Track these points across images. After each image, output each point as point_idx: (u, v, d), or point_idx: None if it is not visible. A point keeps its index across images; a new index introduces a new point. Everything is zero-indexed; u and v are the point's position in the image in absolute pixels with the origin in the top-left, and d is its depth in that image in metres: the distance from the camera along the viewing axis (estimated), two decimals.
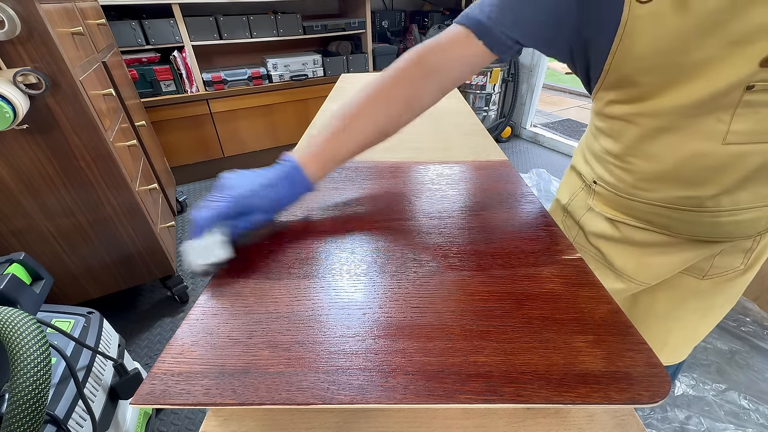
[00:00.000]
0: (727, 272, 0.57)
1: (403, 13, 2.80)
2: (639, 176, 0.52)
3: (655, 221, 0.54)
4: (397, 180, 0.62)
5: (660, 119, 0.46)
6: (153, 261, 1.30)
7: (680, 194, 0.50)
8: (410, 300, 0.37)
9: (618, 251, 0.60)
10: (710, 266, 0.57)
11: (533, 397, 0.28)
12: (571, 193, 0.67)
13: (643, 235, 0.56)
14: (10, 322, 0.48)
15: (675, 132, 0.46)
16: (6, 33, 0.81)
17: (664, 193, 0.51)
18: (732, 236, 0.52)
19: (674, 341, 0.65)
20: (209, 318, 0.36)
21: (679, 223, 0.53)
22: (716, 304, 0.62)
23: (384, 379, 0.30)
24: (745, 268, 0.57)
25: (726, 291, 0.60)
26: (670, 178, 0.49)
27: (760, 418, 1.02)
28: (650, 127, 0.48)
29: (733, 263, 0.56)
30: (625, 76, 0.46)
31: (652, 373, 0.29)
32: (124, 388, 0.84)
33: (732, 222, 0.50)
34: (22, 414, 0.44)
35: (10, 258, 0.68)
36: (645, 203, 0.53)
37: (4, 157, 0.92)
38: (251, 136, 2.40)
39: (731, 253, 0.55)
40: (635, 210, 0.55)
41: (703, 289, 0.59)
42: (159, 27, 1.90)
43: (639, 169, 0.51)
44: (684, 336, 0.65)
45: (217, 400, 0.28)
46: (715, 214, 0.50)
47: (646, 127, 0.48)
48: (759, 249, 0.55)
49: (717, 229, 0.51)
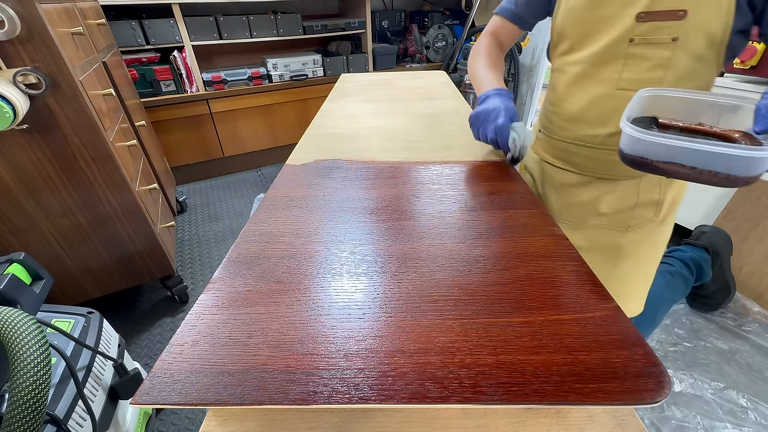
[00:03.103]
0: (644, 224, 0.69)
1: (403, 13, 2.80)
2: (562, 117, 0.69)
3: (571, 160, 0.71)
4: (397, 180, 0.62)
5: (578, 66, 0.62)
6: (153, 261, 1.30)
7: (588, 132, 0.65)
8: (410, 300, 0.38)
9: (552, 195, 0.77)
10: (629, 218, 0.69)
11: (533, 397, 0.28)
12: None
13: (564, 176, 0.73)
14: (10, 322, 0.48)
15: (587, 78, 0.62)
16: (6, 33, 0.81)
17: (578, 132, 0.67)
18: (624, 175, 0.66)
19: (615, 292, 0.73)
20: (209, 318, 0.36)
21: (587, 161, 0.68)
22: (643, 253, 0.73)
23: (384, 379, 0.30)
24: (660, 219, 0.69)
25: (649, 241, 0.71)
26: (581, 118, 0.65)
27: (758, 418, 1.02)
28: (573, 73, 0.64)
29: (647, 214, 0.68)
30: (561, 31, 0.63)
31: (652, 373, 0.29)
32: (124, 388, 0.84)
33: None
34: (22, 414, 0.44)
35: (10, 258, 0.68)
36: (564, 141, 0.70)
37: (4, 157, 0.92)
38: (251, 136, 2.40)
39: (643, 206, 0.68)
40: (558, 149, 0.73)
41: (630, 240, 0.71)
42: (159, 27, 1.89)
43: (563, 110, 0.68)
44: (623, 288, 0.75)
45: (217, 400, 0.28)
46: (612, 152, 0.63)
47: (570, 74, 0.64)
48: (666, 203, 0.68)
49: (614, 167, 0.65)
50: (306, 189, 0.59)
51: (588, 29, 0.59)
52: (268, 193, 0.58)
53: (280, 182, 0.62)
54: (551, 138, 0.74)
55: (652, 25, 0.53)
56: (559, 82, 0.68)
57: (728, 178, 0.40)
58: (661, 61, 0.54)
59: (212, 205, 2.14)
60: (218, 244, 1.80)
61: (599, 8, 0.56)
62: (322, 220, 0.51)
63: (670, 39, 0.52)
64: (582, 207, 0.73)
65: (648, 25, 0.53)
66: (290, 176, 0.64)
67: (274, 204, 0.55)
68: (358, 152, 0.73)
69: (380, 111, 1.00)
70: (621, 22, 0.55)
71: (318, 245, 0.46)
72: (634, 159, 0.47)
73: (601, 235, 0.73)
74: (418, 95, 1.15)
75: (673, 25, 0.51)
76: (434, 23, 2.83)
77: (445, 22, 2.87)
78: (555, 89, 0.70)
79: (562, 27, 0.63)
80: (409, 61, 2.84)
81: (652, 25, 0.53)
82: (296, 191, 0.59)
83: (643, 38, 0.54)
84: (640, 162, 0.46)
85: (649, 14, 0.52)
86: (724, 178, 0.41)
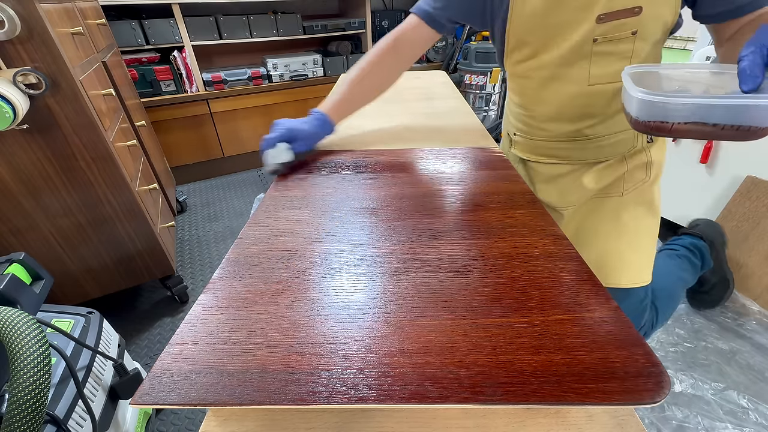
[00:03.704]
0: (637, 185, 0.72)
1: (403, 13, 2.80)
2: (539, 119, 0.70)
3: (558, 154, 0.72)
4: (396, 180, 0.62)
5: (546, 70, 0.63)
6: (153, 261, 1.30)
7: (569, 129, 0.67)
8: (410, 300, 0.37)
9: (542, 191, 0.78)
10: (624, 183, 0.72)
11: (533, 397, 0.28)
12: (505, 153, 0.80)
13: (552, 169, 0.75)
14: (10, 322, 0.48)
15: (557, 80, 0.63)
16: (6, 33, 0.81)
17: (558, 130, 0.69)
18: (612, 155, 0.69)
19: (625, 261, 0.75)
20: (209, 318, 0.36)
21: (575, 152, 0.70)
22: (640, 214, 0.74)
23: (384, 379, 0.30)
24: (651, 179, 0.71)
25: (643, 200, 0.73)
26: (559, 117, 0.67)
27: (759, 418, 1.02)
28: (541, 77, 0.65)
29: (639, 176, 0.71)
30: (520, 38, 0.63)
31: (651, 373, 0.29)
32: (124, 388, 0.84)
33: (609, 144, 0.68)
34: (22, 414, 0.44)
35: (10, 258, 0.68)
36: (547, 141, 0.72)
37: (4, 157, 0.92)
38: (251, 136, 2.40)
39: (635, 170, 0.70)
40: (542, 148, 0.74)
41: (626, 202, 0.73)
42: (159, 27, 1.90)
43: (538, 113, 0.69)
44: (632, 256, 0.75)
45: (217, 400, 0.28)
46: (596, 140, 0.67)
47: (538, 79, 0.65)
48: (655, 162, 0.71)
49: (600, 152, 0.69)
50: (306, 189, 0.59)
51: (549, 35, 0.60)
52: (268, 193, 0.58)
53: (279, 182, 0.62)
54: (531, 139, 0.75)
55: (612, 24, 0.55)
56: (527, 88, 0.69)
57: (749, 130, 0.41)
58: (624, 53, 0.58)
59: (212, 205, 2.14)
60: (218, 244, 1.80)
61: (556, 15, 0.57)
62: (322, 220, 0.51)
63: (630, 33, 0.56)
64: (578, 190, 0.75)
65: (608, 24, 0.55)
66: (290, 176, 0.64)
67: (274, 204, 0.55)
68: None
69: (380, 111, 1.00)
70: (582, 26, 0.57)
71: (318, 245, 0.46)
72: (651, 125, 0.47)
73: (600, 204, 0.75)
74: (418, 95, 1.15)
75: (631, 21, 0.54)
76: None
77: None
78: (523, 94, 0.71)
79: (521, 34, 0.63)
80: None
81: (612, 24, 0.55)
82: (296, 191, 0.59)
83: (606, 37, 0.57)
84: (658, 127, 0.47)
85: (608, 15, 0.55)
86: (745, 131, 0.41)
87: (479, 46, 2.55)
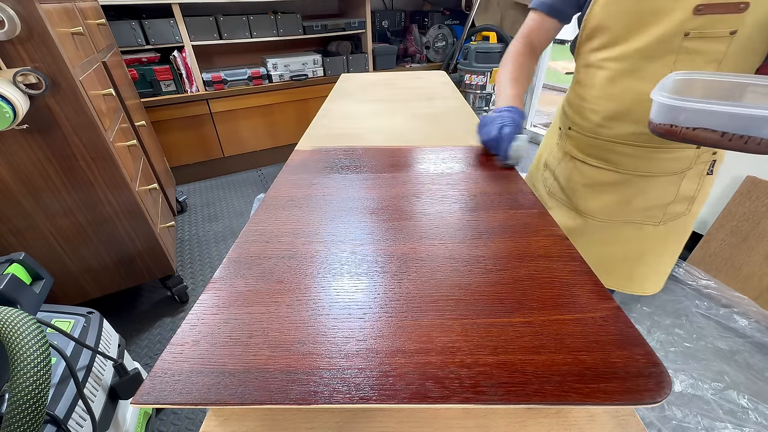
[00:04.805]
0: (676, 217, 0.71)
1: (403, 13, 2.80)
2: (603, 115, 0.66)
3: (610, 159, 0.69)
4: (397, 180, 0.62)
5: (623, 62, 0.59)
6: (153, 261, 1.30)
7: (633, 130, 0.63)
8: (411, 300, 0.37)
9: (582, 194, 0.77)
10: (663, 213, 0.71)
11: (533, 397, 0.28)
12: (550, 148, 0.84)
13: (599, 174, 0.72)
14: (10, 322, 0.48)
15: (633, 75, 0.59)
16: (6, 33, 0.81)
17: (621, 130, 0.64)
18: (665, 171, 0.66)
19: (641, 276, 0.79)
20: (209, 318, 0.36)
21: (628, 159, 0.67)
22: (669, 244, 0.76)
23: (384, 379, 0.30)
24: (691, 213, 0.71)
25: (677, 231, 0.74)
26: (626, 116, 0.62)
27: (759, 418, 1.02)
28: (615, 69, 0.60)
29: (679, 209, 0.70)
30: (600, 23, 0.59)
31: (652, 373, 0.29)
32: (124, 388, 0.84)
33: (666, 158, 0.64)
34: (22, 414, 0.44)
35: (10, 258, 0.68)
36: (605, 140, 0.68)
37: (4, 157, 0.92)
38: (251, 136, 2.40)
39: (679, 202, 0.69)
40: (597, 149, 0.70)
41: (660, 233, 0.73)
42: (159, 27, 1.89)
43: (603, 108, 0.65)
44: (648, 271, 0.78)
45: (218, 399, 0.28)
46: (656, 150, 0.63)
47: (612, 70, 0.61)
48: (698, 197, 0.70)
49: (656, 165, 0.65)
50: (306, 189, 0.59)
51: (634, 22, 0.55)
52: (268, 193, 0.58)
53: (280, 182, 0.62)
54: (586, 136, 0.71)
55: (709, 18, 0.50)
56: (595, 79, 0.64)
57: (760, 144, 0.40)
58: (715, 55, 0.52)
59: (212, 205, 2.14)
60: (218, 244, 1.80)
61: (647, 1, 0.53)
62: (323, 219, 0.51)
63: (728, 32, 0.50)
64: (618, 205, 0.72)
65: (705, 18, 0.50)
66: (290, 176, 0.64)
67: (274, 204, 0.55)
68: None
69: (380, 111, 1.00)
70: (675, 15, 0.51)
71: (318, 245, 0.46)
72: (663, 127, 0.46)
73: (632, 229, 0.73)
74: (418, 95, 1.15)
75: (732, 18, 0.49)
76: (434, 23, 2.83)
77: (445, 22, 2.87)
78: (591, 86, 0.66)
79: (602, 20, 0.59)
80: (409, 61, 2.84)
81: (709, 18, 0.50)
82: (296, 191, 0.59)
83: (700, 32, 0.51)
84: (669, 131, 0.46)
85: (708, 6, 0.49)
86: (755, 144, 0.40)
87: (479, 46, 2.56)
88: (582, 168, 0.75)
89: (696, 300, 1.40)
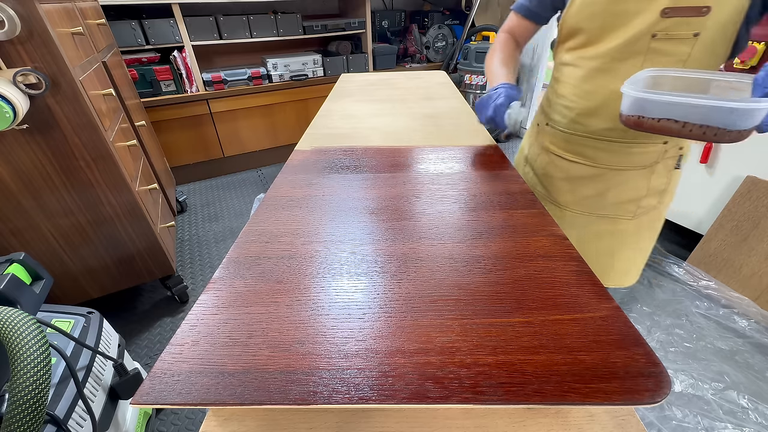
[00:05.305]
0: (648, 211, 0.75)
1: (403, 13, 2.80)
2: (577, 111, 0.69)
3: (585, 153, 0.73)
4: (397, 180, 0.62)
5: (596, 62, 0.63)
6: (153, 261, 1.30)
7: (606, 126, 0.66)
8: (411, 300, 0.37)
9: (559, 187, 0.80)
10: (636, 207, 0.74)
11: (533, 397, 0.28)
12: (530, 142, 0.87)
13: (575, 169, 0.75)
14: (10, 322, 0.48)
15: (605, 74, 0.62)
16: (6, 33, 0.81)
17: (594, 126, 0.68)
18: (636, 165, 0.69)
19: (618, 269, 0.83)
20: (209, 318, 0.36)
21: (602, 153, 0.70)
22: (645, 236, 0.79)
23: (384, 379, 0.30)
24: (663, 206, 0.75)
25: (651, 225, 0.78)
26: (599, 113, 0.66)
27: (759, 418, 1.02)
28: (589, 68, 0.64)
29: (652, 202, 0.74)
30: (576, 24, 0.63)
31: (652, 373, 0.29)
32: (124, 388, 0.84)
33: (636, 153, 0.68)
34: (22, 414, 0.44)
35: (10, 258, 0.68)
36: (580, 135, 0.71)
37: (4, 157, 0.92)
38: (251, 136, 2.40)
39: (651, 195, 0.73)
40: (572, 144, 0.74)
41: (633, 226, 0.77)
42: (159, 27, 1.89)
43: (578, 105, 0.69)
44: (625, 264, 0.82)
45: (217, 400, 0.28)
46: (627, 145, 0.67)
47: (586, 69, 0.65)
48: (668, 190, 0.73)
49: (627, 159, 0.69)
50: (306, 189, 0.59)
51: (607, 23, 0.59)
52: (268, 193, 0.58)
53: (280, 182, 0.62)
54: (562, 132, 0.75)
55: (675, 21, 0.54)
56: (571, 77, 0.68)
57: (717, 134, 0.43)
58: (680, 56, 0.56)
59: (212, 205, 2.14)
60: (218, 244, 1.80)
61: (622, 3, 0.56)
62: (322, 220, 0.51)
63: (692, 35, 0.54)
64: (593, 198, 0.76)
65: (672, 20, 0.54)
66: (290, 176, 0.64)
67: (274, 204, 0.55)
68: None
69: (380, 111, 1.00)
70: (644, 17, 0.55)
71: (318, 245, 0.46)
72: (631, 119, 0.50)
73: (608, 224, 0.77)
74: (418, 95, 1.15)
75: (696, 21, 0.53)
76: (434, 23, 2.83)
77: (445, 22, 2.87)
78: (566, 83, 0.70)
79: (577, 21, 0.63)
80: (409, 61, 2.84)
81: (675, 21, 0.54)
82: (296, 191, 0.59)
83: (666, 33, 0.55)
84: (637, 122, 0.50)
85: (674, 10, 0.53)
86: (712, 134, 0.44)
87: (479, 46, 2.56)
88: (559, 162, 0.78)
89: (696, 300, 1.40)
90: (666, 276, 1.53)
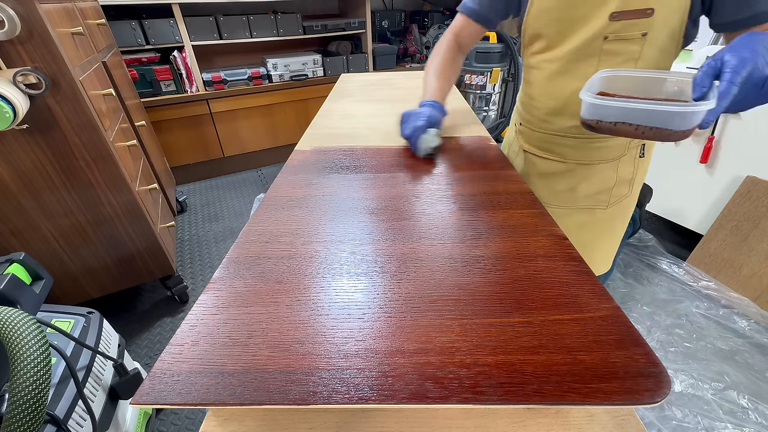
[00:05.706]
0: (620, 199, 0.78)
1: (403, 13, 2.80)
2: (544, 111, 0.73)
3: (555, 150, 0.76)
4: (397, 180, 0.62)
5: (556, 63, 0.67)
6: (153, 261, 1.30)
7: (571, 124, 0.70)
8: (410, 300, 0.38)
9: (535, 184, 0.83)
10: (609, 197, 0.77)
11: (533, 397, 0.28)
12: (509, 142, 0.91)
13: (548, 165, 0.79)
14: (10, 322, 0.48)
15: (566, 74, 0.66)
16: (6, 33, 0.81)
17: (561, 124, 0.72)
18: (602, 159, 0.73)
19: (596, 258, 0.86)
20: (209, 318, 0.36)
21: (570, 150, 0.74)
22: (619, 224, 0.83)
23: (383, 379, 0.30)
24: (632, 194, 0.78)
25: (623, 212, 0.81)
26: (564, 112, 0.70)
27: (759, 418, 1.02)
28: (552, 70, 0.68)
29: (623, 191, 0.77)
30: (536, 31, 0.67)
31: (652, 373, 0.29)
32: (124, 388, 0.84)
33: (601, 147, 0.71)
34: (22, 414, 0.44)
35: (10, 258, 0.68)
36: (548, 134, 0.75)
37: (4, 157, 0.92)
38: (251, 136, 2.40)
39: (620, 185, 0.76)
40: (542, 141, 0.78)
41: (608, 215, 0.80)
42: (159, 27, 1.90)
43: (544, 105, 0.73)
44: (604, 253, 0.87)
45: (217, 400, 0.28)
46: (593, 141, 0.71)
47: (549, 71, 0.69)
48: (637, 179, 0.77)
49: (594, 153, 0.73)
50: (306, 189, 0.59)
51: (564, 29, 0.63)
52: (268, 193, 0.58)
53: (280, 182, 0.62)
54: (533, 131, 0.78)
55: (623, 24, 0.58)
56: (537, 79, 0.72)
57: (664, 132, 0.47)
58: (632, 54, 0.60)
59: (212, 205, 2.14)
60: (218, 244, 1.80)
61: (574, 9, 0.61)
62: (322, 220, 0.51)
63: (640, 35, 0.58)
64: (567, 192, 0.79)
65: (620, 23, 0.58)
66: (290, 176, 0.64)
67: (274, 204, 0.55)
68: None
69: (380, 111, 1.00)
70: (595, 22, 0.60)
71: (318, 245, 0.46)
72: (590, 123, 0.53)
73: (586, 214, 0.81)
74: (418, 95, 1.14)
75: (642, 22, 0.57)
76: (434, 23, 2.83)
77: (445, 22, 2.87)
78: (533, 85, 0.74)
79: (537, 28, 0.67)
80: (409, 61, 2.84)
81: (623, 24, 0.58)
82: (296, 191, 0.59)
83: (616, 35, 0.59)
84: (596, 125, 0.53)
85: (621, 13, 0.57)
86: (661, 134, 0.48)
87: (479, 46, 2.55)
88: (533, 160, 0.82)
89: (696, 300, 1.40)
90: (666, 276, 1.53)
